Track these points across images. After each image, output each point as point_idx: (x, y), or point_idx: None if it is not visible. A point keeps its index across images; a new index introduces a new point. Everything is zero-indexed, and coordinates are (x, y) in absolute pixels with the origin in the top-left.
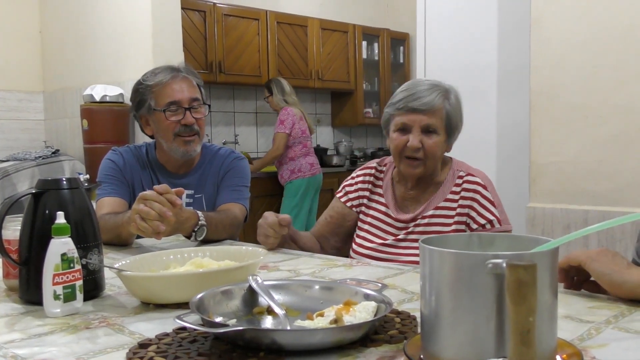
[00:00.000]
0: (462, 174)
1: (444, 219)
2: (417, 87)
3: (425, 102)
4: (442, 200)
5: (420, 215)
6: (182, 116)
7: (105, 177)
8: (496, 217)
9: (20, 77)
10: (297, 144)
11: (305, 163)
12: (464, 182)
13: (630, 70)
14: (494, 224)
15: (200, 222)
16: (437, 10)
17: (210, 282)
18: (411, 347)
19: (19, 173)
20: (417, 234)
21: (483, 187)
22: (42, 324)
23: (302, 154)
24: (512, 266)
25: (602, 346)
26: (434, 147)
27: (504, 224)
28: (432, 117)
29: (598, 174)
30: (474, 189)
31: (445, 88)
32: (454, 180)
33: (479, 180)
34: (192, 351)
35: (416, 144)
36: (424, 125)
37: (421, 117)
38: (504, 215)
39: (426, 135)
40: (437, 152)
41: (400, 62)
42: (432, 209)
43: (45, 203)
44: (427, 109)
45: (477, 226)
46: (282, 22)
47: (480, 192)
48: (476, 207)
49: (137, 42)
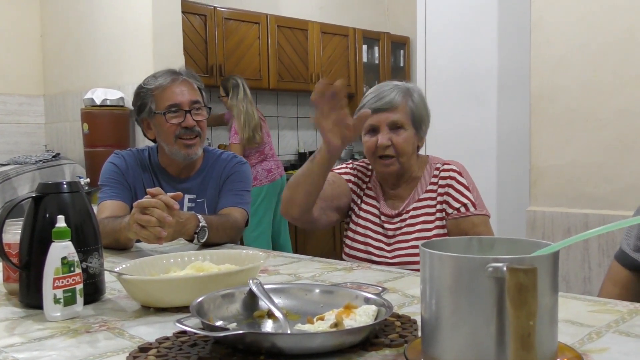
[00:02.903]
0: (439, 166)
1: (427, 209)
2: (380, 89)
3: (388, 101)
4: (422, 193)
5: (404, 210)
6: (182, 119)
7: (107, 180)
8: (470, 200)
9: (21, 81)
10: (254, 153)
11: (261, 170)
12: (440, 171)
13: (630, 73)
14: (468, 207)
15: (201, 224)
16: (437, 14)
17: (210, 285)
18: (412, 351)
19: (19, 177)
20: (405, 227)
21: (458, 173)
22: (42, 328)
23: (258, 161)
24: (513, 270)
25: (602, 350)
26: (403, 142)
27: (479, 208)
28: (397, 113)
29: (598, 177)
30: (449, 176)
31: (406, 87)
32: (431, 172)
33: (453, 167)
34: (192, 355)
35: (385, 142)
36: (390, 123)
37: (386, 115)
38: (480, 200)
39: (394, 133)
40: (407, 147)
41: (401, 65)
42: (415, 202)
43: (45, 207)
44: (391, 107)
45: (452, 210)
46: (282, 26)
47: (455, 178)
48: (451, 192)
49: (138, 45)
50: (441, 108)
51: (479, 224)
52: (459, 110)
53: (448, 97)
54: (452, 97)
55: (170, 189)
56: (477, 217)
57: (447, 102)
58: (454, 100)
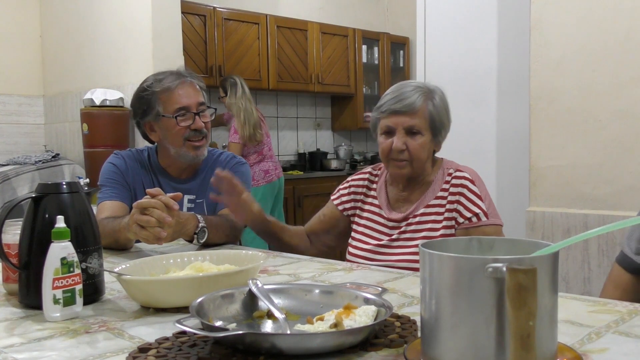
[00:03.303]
0: (452, 172)
1: (435, 215)
2: (401, 90)
3: (407, 104)
4: (432, 199)
5: (411, 214)
6: (191, 121)
7: (106, 180)
8: (482, 210)
9: (20, 81)
10: (252, 153)
11: (259, 171)
12: (452, 178)
13: (629, 74)
14: (480, 217)
15: (200, 224)
16: (437, 15)
17: (210, 286)
18: (411, 351)
19: (19, 177)
20: (410, 232)
21: (470, 182)
22: (41, 328)
23: (256, 161)
24: (512, 270)
25: (602, 351)
26: (418, 148)
27: (491, 217)
28: (415, 117)
29: (598, 177)
30: (461, 184)
31: (429, 89)
32: (443, 178)
33: (466, 175)
34: (192, 355)
35: (400, 146)
36: (407, 127)
37: (404, 119)
38: (493, 210)
39: (410, 137)
40: (422, 153)
41: (400, 66)
42: (423, 207)
43: (45, 207)
44: (409, 110)
45: (464, 220)
46: (282, 26)
47: (467, 187)
48: (463, 201)
49: (138, 46)
50: None
51: (490, 233)
52: (459, 110)
53: (447, 97)
54: (452, 97)
55: (170, 190)
56: (489, 227)
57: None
58: (454, 101)
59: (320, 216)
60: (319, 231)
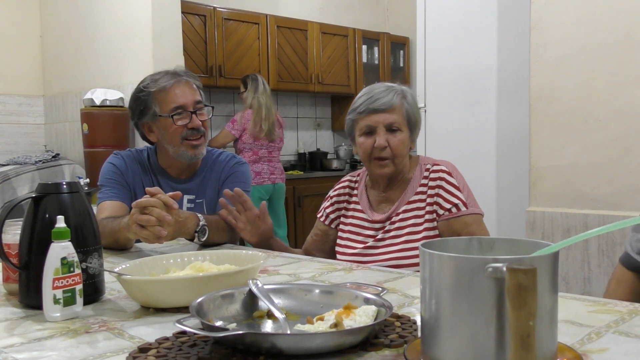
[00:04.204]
0: (429, 167)
1: (417, 211)
2: (374, 90)
3: (385, 102)
4: (412, 195)
5: (394, 213)
6: (188, 120)
7: (106, 180)
8: (461, 200)
9: (20, 81)
10: (247, 150)
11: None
12: (430, 172)
13: (629, 74)
14: (459, 207)
15: (201, 222)
16: (437, 15)
17: (210, 286)
18: (411, 351)
19: (19, 177)
20: (394, 230)
21: (447, 174)
22: (41, 328)
23: (250, 161)
24: (512, 270)
25: (602, 351)
26: (399, 144)
27: (470, 207)
28: (394, 114)
29: (598, 177)
30: (439, 177)
31: (401, 89)
32: (421, 174)
33: (443, 167)
34: (192, 355)
35: (383, 143)
36: (387, 124)
37: (384, 116)
38: (472, 200)
39: (391, 134)
40: (404, 149)
41: (400, 66)
42: (405, 205)
43: (45, 207)
44: (388, 108)
45: (444, 211)
46: (282, 26)
47: (444, 179)
48: (442, 194)
49: (138, 46)
50: (440, 109)
51: (471, 223)
52: (459, 111)
53: (448, 97)
54: (452, 97)
55: (169, 190)
56: (469, 216)
57: (446, 102)
58: (454, 101)
59: (313, 236)
60: (315, 249)
